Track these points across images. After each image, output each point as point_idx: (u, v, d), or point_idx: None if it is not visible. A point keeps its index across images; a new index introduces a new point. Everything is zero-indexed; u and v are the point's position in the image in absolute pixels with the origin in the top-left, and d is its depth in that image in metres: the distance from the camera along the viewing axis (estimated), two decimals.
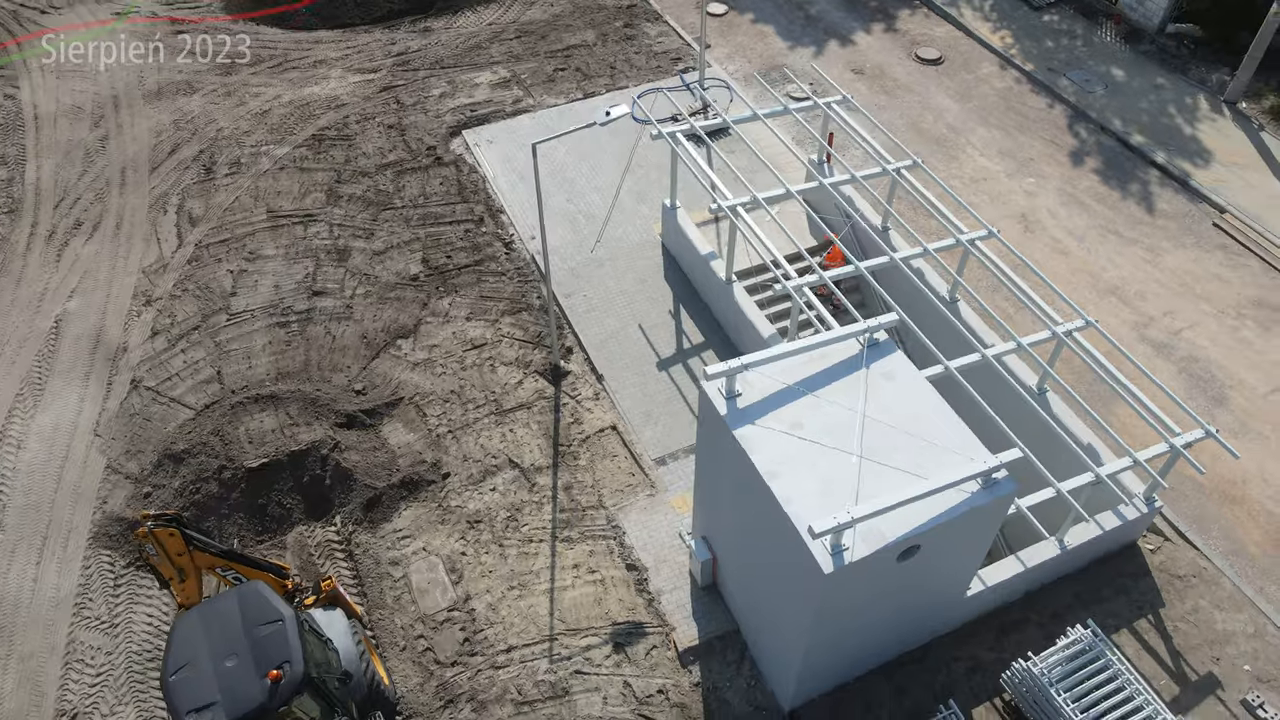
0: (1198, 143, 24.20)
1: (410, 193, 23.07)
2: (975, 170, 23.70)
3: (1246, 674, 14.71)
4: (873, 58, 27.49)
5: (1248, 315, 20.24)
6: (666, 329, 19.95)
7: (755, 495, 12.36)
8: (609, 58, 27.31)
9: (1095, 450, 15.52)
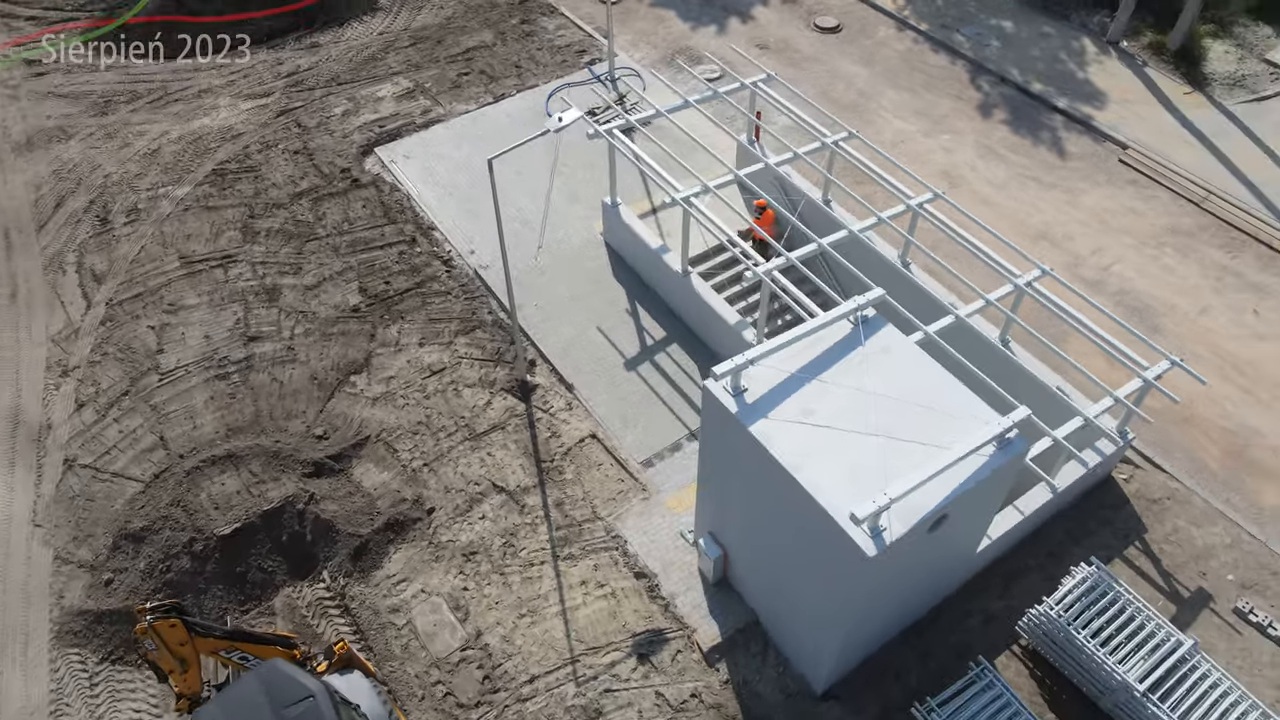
0: (1091, 84, 25.37)
1: (332, 220, 21.96)
2: (893, 133, 24.21)
3: (1231, 583, 15.63)
4: (774, 31, 27.68)
5: (1166, 243, 21.40)
6: (626, 328, 19.66)
7: (777, 488, 12.30)
8: (512, 57, 26.61)
9: (1066, 392, 16.12)
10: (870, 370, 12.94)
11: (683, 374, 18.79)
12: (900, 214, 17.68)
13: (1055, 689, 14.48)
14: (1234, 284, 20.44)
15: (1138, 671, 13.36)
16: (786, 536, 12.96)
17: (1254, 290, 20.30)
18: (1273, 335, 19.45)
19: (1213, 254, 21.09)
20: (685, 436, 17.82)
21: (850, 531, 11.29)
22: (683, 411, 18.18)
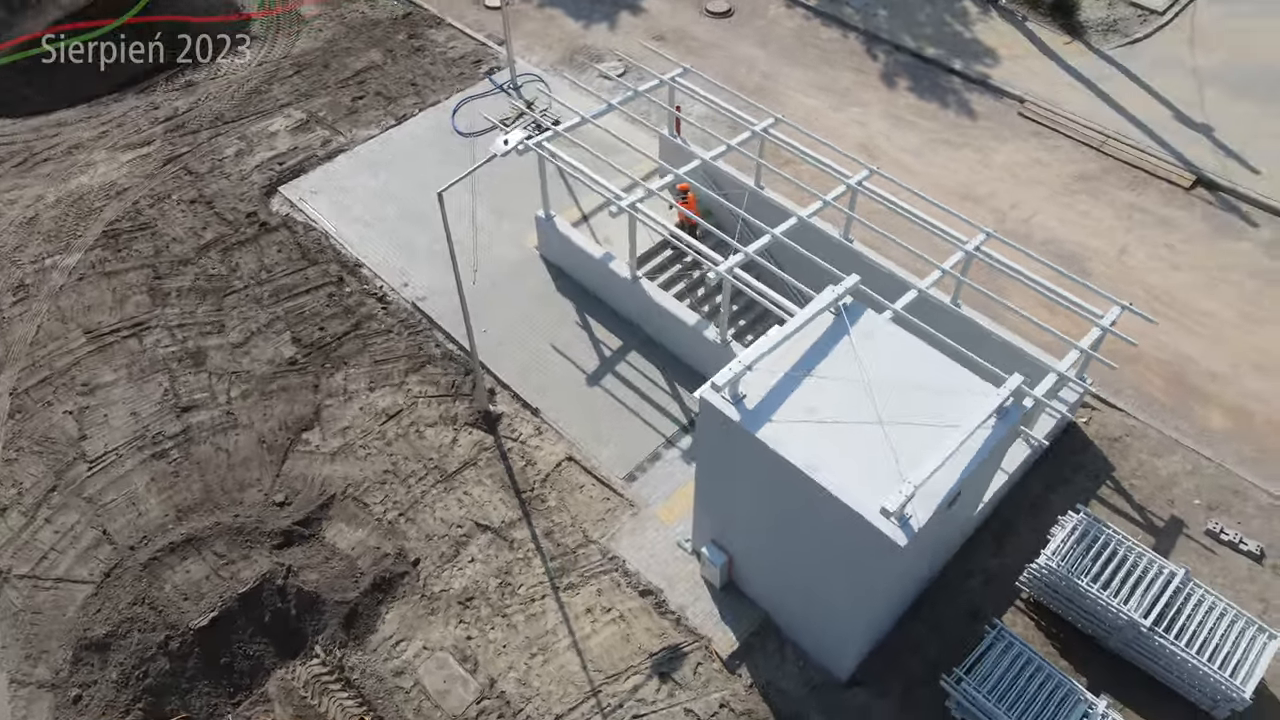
0: (979, 44, 26.22)
1: (248, 269, 20.66)
2: (803, 111, 24.42)
3: (1199, 507, 16.50)
4: (667, 22, 27.50)
5: (1076, 190, 22.34)
6: (582, 343, 19.23)
7: (793, 490, 12.23)
8: (405, 75, 25.58)
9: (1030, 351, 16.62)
10: (861, 358, 12.98)
11: (648, 381, 18.52)
12: (841, 194, 17.82)
13: (1063, 636, 14.99)
14: (1144, 221, 21.53)
15: (1140, 608, 13.95)
16: (804, 535, 12.91)
17: (1163, 225, 21.43)
18: (1187, 265, 20.58)
19: (1120, 195, 22.15)
20: (662, 445, 17.58)
21: (880, 525, 11.31)
22: (655, 420, 17.93)
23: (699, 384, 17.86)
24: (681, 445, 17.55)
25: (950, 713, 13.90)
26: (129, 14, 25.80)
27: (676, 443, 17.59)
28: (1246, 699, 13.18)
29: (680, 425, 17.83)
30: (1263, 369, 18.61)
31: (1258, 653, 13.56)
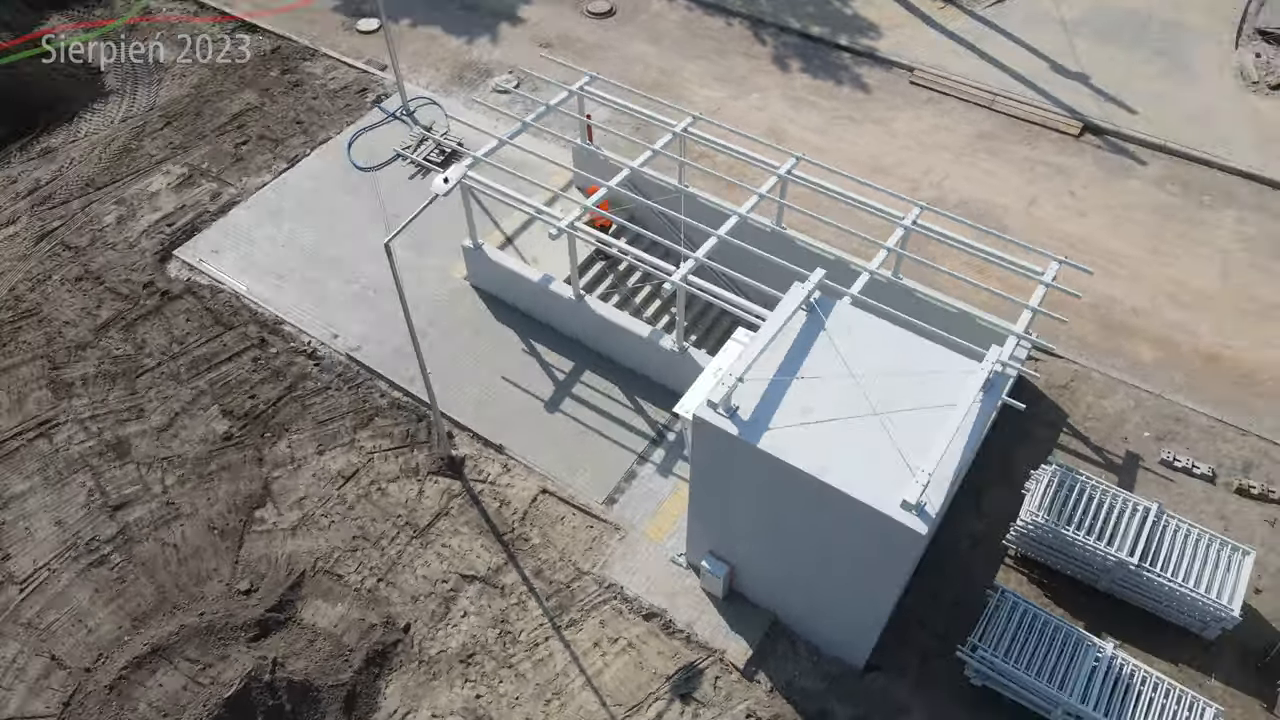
0: (861, 18, 26.76)
1: (157, 344, 19.17)
2: (705, 104, 24.37)
3: (1150, 439, 17.37)
4: (551, 27, 26.95)
5: (977, 149, 23.11)
6: (532, 370, 18.67)
7: (802, 494, 12.17)
8: (287, 113, 24.23)
9: (974, 315, 17.10)
10: (843, 352, 13.01)
11: (608, 399, 18.15)
12: (773, 185, 17.85)
13: (1055, 586, 15.52)
14: (1044, 172, 22.47)
15: (1125, 547, 14.56)
16: (815, 535, 12.88)
17: (1061, 174, 22.42)
18: (1091, 209, 21.59)
19: (1018, 149, 23.04)
20: (635, 462, 17.28)
21: (900, 517, 11.36)
22: (623, 438, 17.59)
23: (660, 394, 18.03)
24: (654, 459, 17.29)
25: (970, 680, 14.19)
26: (129, 13, 25.83)
27: (649, 457, 17.32)
28: (1236, 616, 13.95)
29: (649, 439, 17.56)
30: (1177, 300, 19.73)
31: (1237, 570, 14.38)
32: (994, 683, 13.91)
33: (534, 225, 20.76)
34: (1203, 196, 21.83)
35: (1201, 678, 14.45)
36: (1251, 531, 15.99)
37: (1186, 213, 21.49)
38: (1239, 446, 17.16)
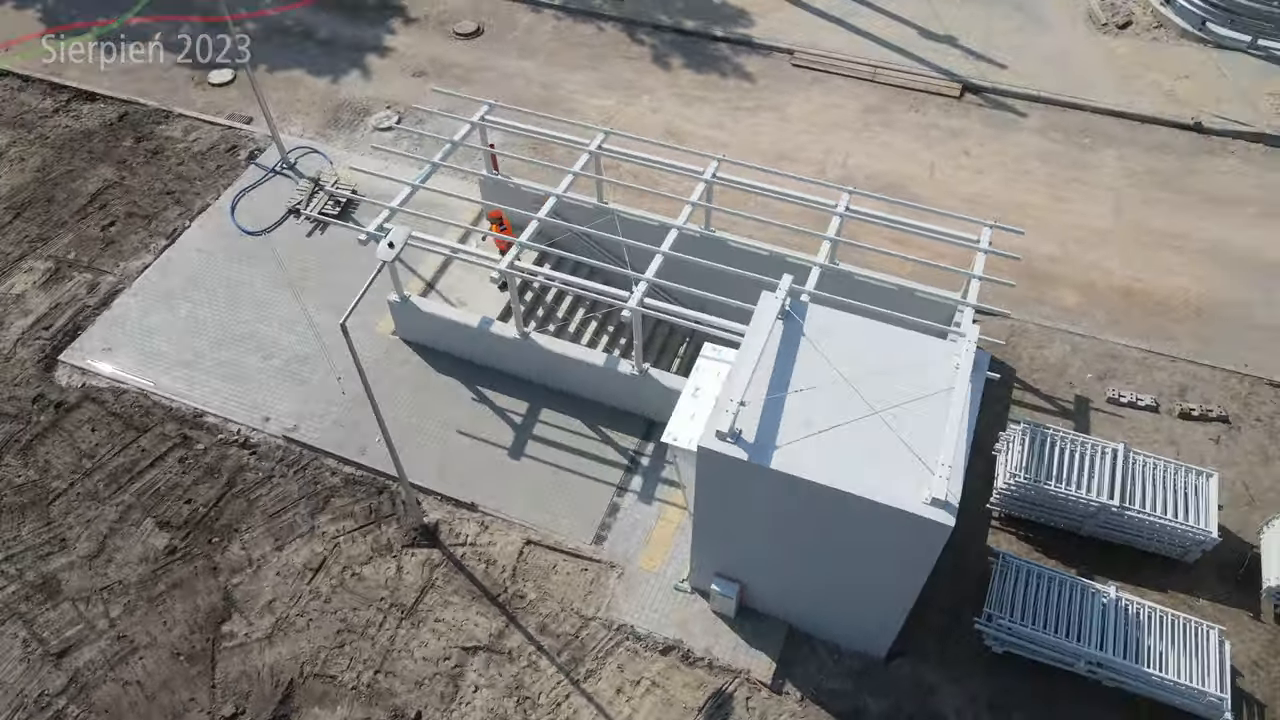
0: (730, 5, 26.85)
1: (64, 464, 17.33)
2: (598, 113, 23.94)
3: (1093, 380, 18.18)
4: (420, 54, 25.84)
5: (871, 122, 23.61)
6: (487, 419, 17.88)
7: (820, 506, 12.08)
8: (154, 184, 22.32)
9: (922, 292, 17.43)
10: (828, 355, 12.95)
11: (572, 434, 17.58)
12: (701, 192, 17.65)
13: (1042, 539, 16.03)
14: (937, 137, 23.18)
15: (1104, 491, 15.20)
16: (836, 542, 12.80)
17: (953, 136, 23.18)
18: (988, 167, 22.42)
19: (908, 118, 23.68)
20: (615, 494, 16.81)
21: (926, 514, 11.40)
22: (597, 471, 17.09)
23: (624, 420, 17.57)
24: (634, 488, 16.88)
25: (991, 649, 14.50)
26: (130, 13, 25.32)
27: (627, 487, 16.90)
28: (1216, 537, 14.78)
29: (624, 468, 17.13)
30: (1084, 241, 20.74)
31: (1205, 494, 15.23)
32: (1015, 647, 14.26)
33: (453, 266, 19.90)
34: (1083, 139, 23.03)
35: (1191, 600, 15.26)
36: (1201, 452, 17.00)
37: (1071, 157, 22.61)
38: (1170, 374, 18.21)
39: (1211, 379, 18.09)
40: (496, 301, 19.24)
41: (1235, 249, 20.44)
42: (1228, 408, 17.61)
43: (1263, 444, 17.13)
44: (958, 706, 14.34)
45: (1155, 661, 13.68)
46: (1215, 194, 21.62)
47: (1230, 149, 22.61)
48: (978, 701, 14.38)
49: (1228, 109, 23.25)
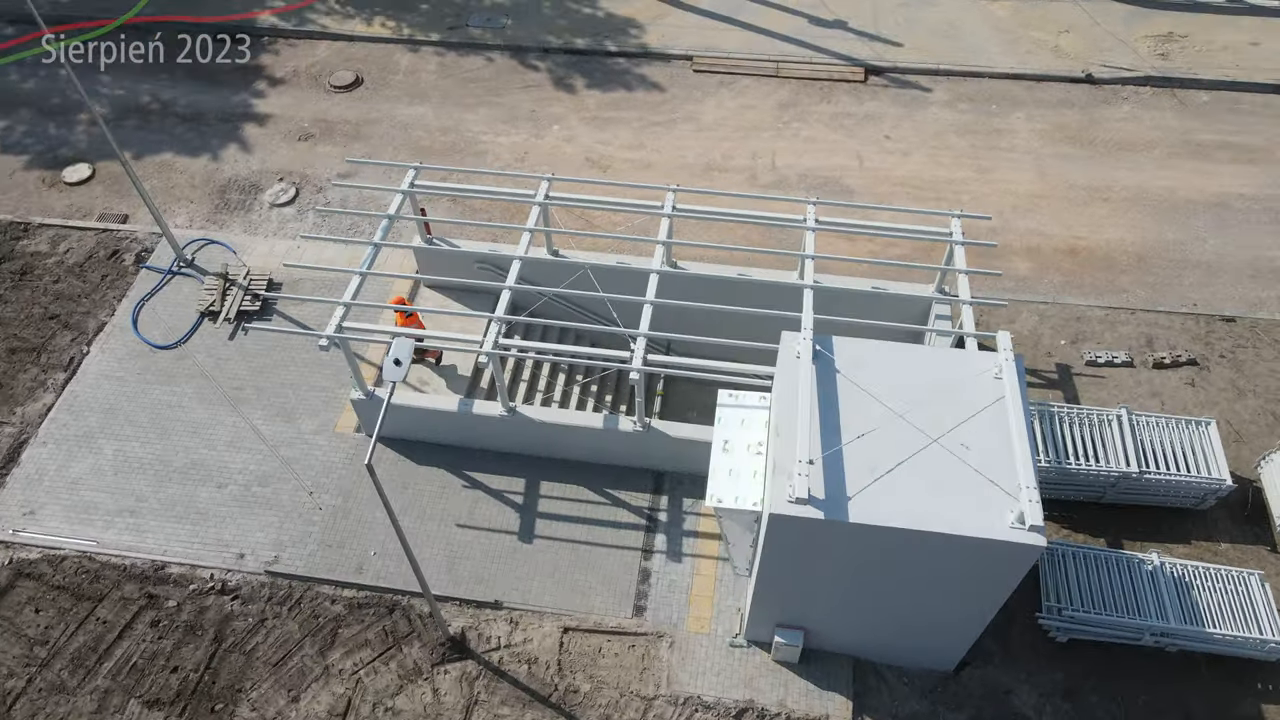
0: (616, 17, 26.00)
1: (15, 657, 15.06)
2: (510, 151, 22.73)
3: (1066, 346, 18.59)
4: (300, 116, 23.83)
5: (788, 119, 23.38)
6: (485, 506, 16.64)
7: (903, 550, 11.69)
8: (31, 310, 19.70)
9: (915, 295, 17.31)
10: (869, 389, 12.52)
11: (581, 504, 16.59)
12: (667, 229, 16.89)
13: (1066, 514, 16.25)
14: (855, 125, 23.19)
15: (1120, 459, 15.52)
16: (915, 578, 12.45)
17: (870, 121, 23.24)
18: (910, 148, 22.58)
19: (821, 109, 23.59)
20: (642, 559, 15.99)
21: (1016, 539, 11.16)
22: (616, 538, 16.20)
23: (631, 477, 16.74)
24: (659, 547, 16.10)
25: (1056, 639, 14.59)
26: (129, 14, 24.53)
27: (653, 548, 16.10)
28: (1230, 484, 15.34)
29: (643, 528, 16.31)
30: (1019, 208, 21.21)
31: (1209, 442, 15.78)
32: (1079, 633, 14.39)
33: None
34: (989, 106, 23.55)
35: (1214, 546, 15.83)
36: (1182, 398, 17.68)
37: (984, 125, 23.09)
38: (1134, 326, 18.85)
39: (1170, 324, 18.84)
40: (458, 378, 17.94)
41: (1154, 193, 21.36)
42: (1192, 350, 18.37)
43: (1232, 379, 17.96)
44: (1035, 703, 14.37)
45: (1210, 618, 14.07)
46: (1121, 141, 22.54)
47: (1123, 95, 23.63)
48: (1052, 693, 14.45)
49: (1110, 57, 24.28)
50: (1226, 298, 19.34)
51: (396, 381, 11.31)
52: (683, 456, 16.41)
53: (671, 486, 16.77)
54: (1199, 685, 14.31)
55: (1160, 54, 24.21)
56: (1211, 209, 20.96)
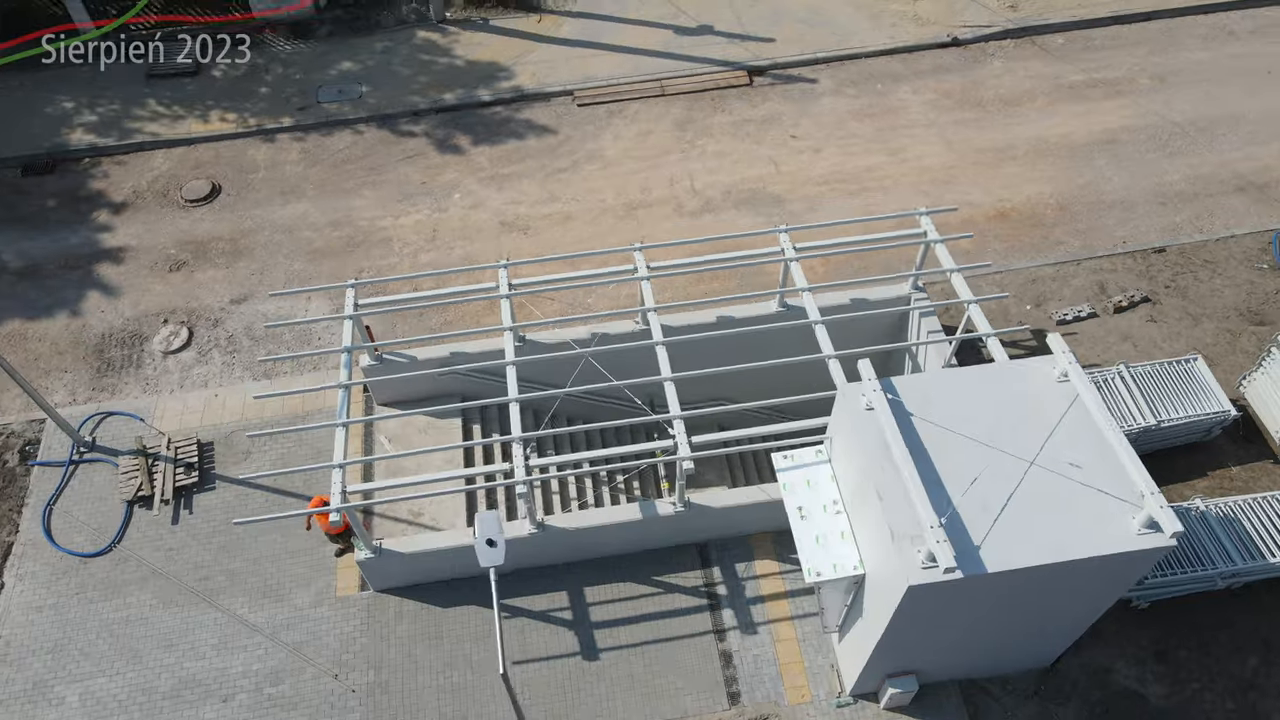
0: (478, 64, 24.34)
1: None
2: (416, 232, 20.86)
3: (1034, 311, 18.99)
4: (160, 243, 20.85)
5: (689, 140, 22.63)
6: (534, 633, 15.16)
7: (1035, 582, 11.42)
8: None
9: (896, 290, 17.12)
10: (949, 426, 12.11)
11: (634, 601, 15.43)
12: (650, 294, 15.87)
13: None
14: (756, 130, 22.80)
15: (1135, 414, 15.97)
16: (1037, 601, 12.23)
17: (769, 123, 22.91)
18: (819, 143, 22.39)
19: (719, 120, 23.05)
20: (715, 639, 15.09)
21: (1150, 544, 11.10)
22: (683, 626, 15.17)
23: (677, 556, 15.82)
24: (728, 622, 15.24)
25: (1138, 607, 14.87)
26: (129, 14, 23.62)
27: (724, 624, 15.22)
28: (1235, 413, 16.10)
29: (706, 607, 15.39)
30: (940, 182, 21.52)
31: (1202, 378, 16.51)
32: (1159, 595, 14.71)
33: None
34: (876, 85, 23.78)
35: (1227, 473, 16.63)
36: (1149, 336, 18.47)
37: (878, 105, 23.28)
38: (1083, 277, 19.53)
39: (1114, 267, 19.65)
40: (453, 500, 16.27)
41: (1051, 141, 22.23)
42: (1140, 287, 19.23)
43: (1183, 307, 18.95)
44: (1137, 674, 14.62)
45: (1267, 547, 14.71)
46: (1005, 96, 23.32)
47: (989, 52, 24.46)
48: (1147, 659, 14.74)
49: (968, 17, 25.06)
50: (1149, 229, 20.38)
51: (494, 564, 9.82)
52: (725, 524, 15.59)
53: (719, 556, 15.91)
54: (1269, 614, 14.98)
55: (1010, 5, 25.22)
56: (1104, 146, 22.03)
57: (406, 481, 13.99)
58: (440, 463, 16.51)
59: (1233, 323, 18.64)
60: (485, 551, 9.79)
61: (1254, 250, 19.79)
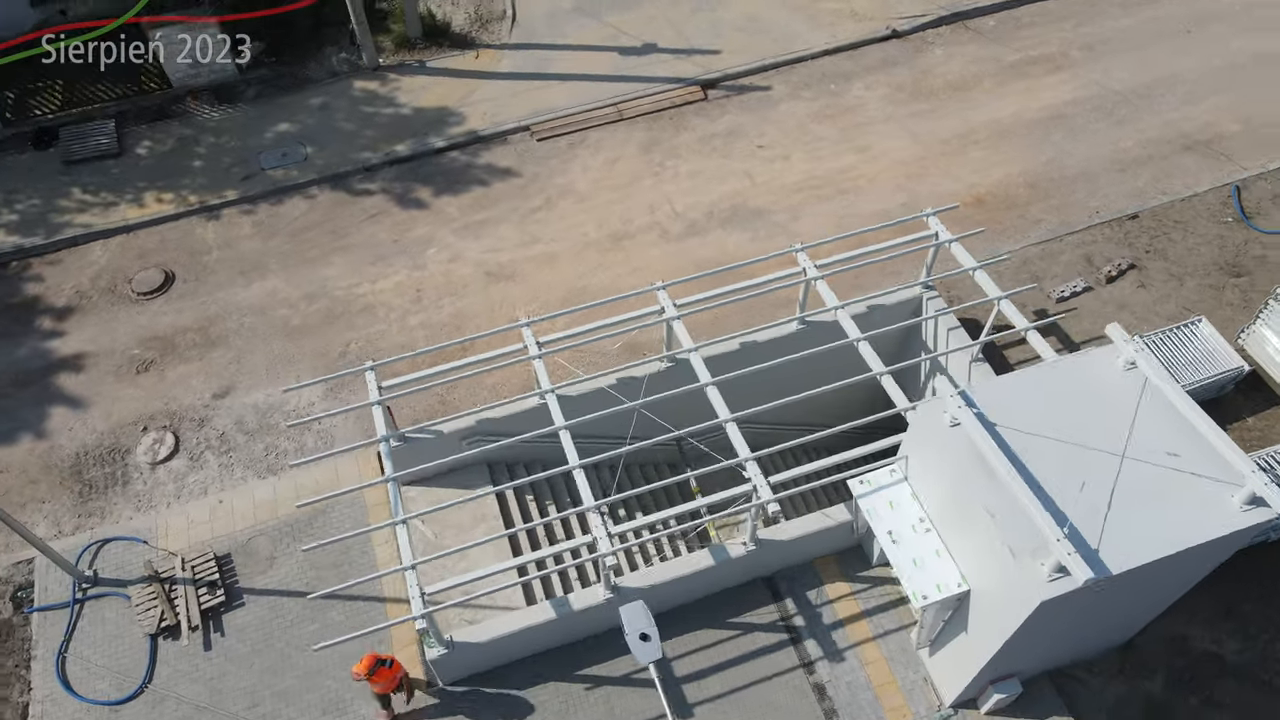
0: (425, 110, 23.39)
1: None
2: (399, 295, 19.86)
3: (1034, 291, 19.34)
4: (121, 342, 19.24)
5: (658, 162, 22.25)
6: (623, 698, 14.54)
7: (1146, 574, 11.53)
8: None
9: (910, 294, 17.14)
10: (1036, 430, 12.13)
11: (715, 648, 14.99)
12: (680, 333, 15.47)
13: None
14: (722, 145, 22.58)
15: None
16: (1141, 589, 12.39)
17: (733, 136, 22.71)
18: (788, 151, 22.29)
19: (683, 139, 22.75)
20: (805, 674, 14.81)
21: (1257, 519, 11.34)
22: (773, 666, 14.81)
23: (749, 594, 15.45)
24: (814, 654, 14.97)
25: None
26: (129, 14, 22.22)
27: (811, 659, 14.93)
28: (1247, 368, 16.74)
29: (787, 642, 15.08)
30: (914, 175, 21.72)
31: (1210, 338, 17.11)
32: None
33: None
34: (829, 86, 23.89)
35: (1244, 424, 17.30)
36: (1142, 303, 19.07)
37: (835, 105, 23.39)
38: (1070, 252, 20.03)
39: (1095, 238, 20.23)
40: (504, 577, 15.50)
41: (1006, 122, 22.77)
42: (1124, 254, 19.85)
43: (1166, 269, 19.65)
44: (1213, 636, 15.02)
45: None
46: (953, 83, 23.77)
47: (929, 41, 24.90)
48: (1218, 619, 15.16)
49: (903, 8, 25.44)
50: (1116, 196, 21.06)
51: (653, 660, 9.27)
52: (794, 554, 15.34)
53: (788, 587, 15.63)
54: None
55: None
56: (1056, 121, 22.69)
57: (486, 573, 13.12)
58: (485, 533, 15.70)
59: (1214, 278, 19.41)
60: (640, 647, 9.27)
61: (1216, 205, 20.67)
